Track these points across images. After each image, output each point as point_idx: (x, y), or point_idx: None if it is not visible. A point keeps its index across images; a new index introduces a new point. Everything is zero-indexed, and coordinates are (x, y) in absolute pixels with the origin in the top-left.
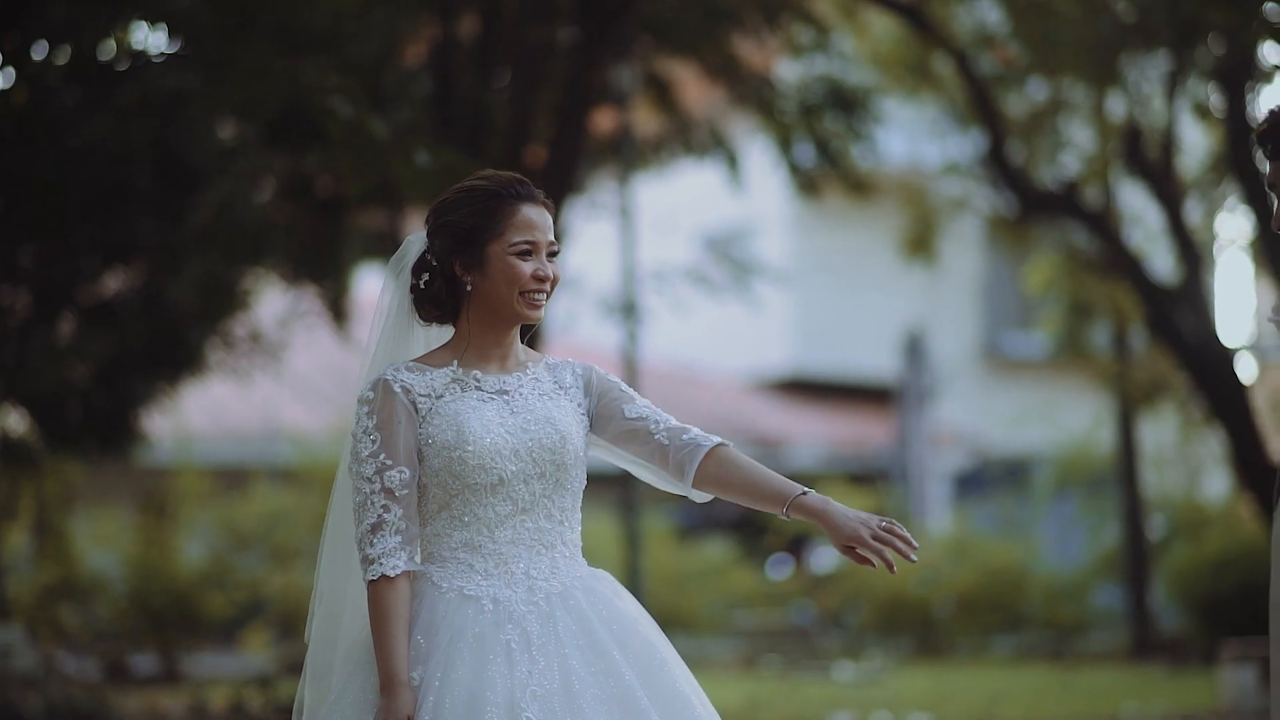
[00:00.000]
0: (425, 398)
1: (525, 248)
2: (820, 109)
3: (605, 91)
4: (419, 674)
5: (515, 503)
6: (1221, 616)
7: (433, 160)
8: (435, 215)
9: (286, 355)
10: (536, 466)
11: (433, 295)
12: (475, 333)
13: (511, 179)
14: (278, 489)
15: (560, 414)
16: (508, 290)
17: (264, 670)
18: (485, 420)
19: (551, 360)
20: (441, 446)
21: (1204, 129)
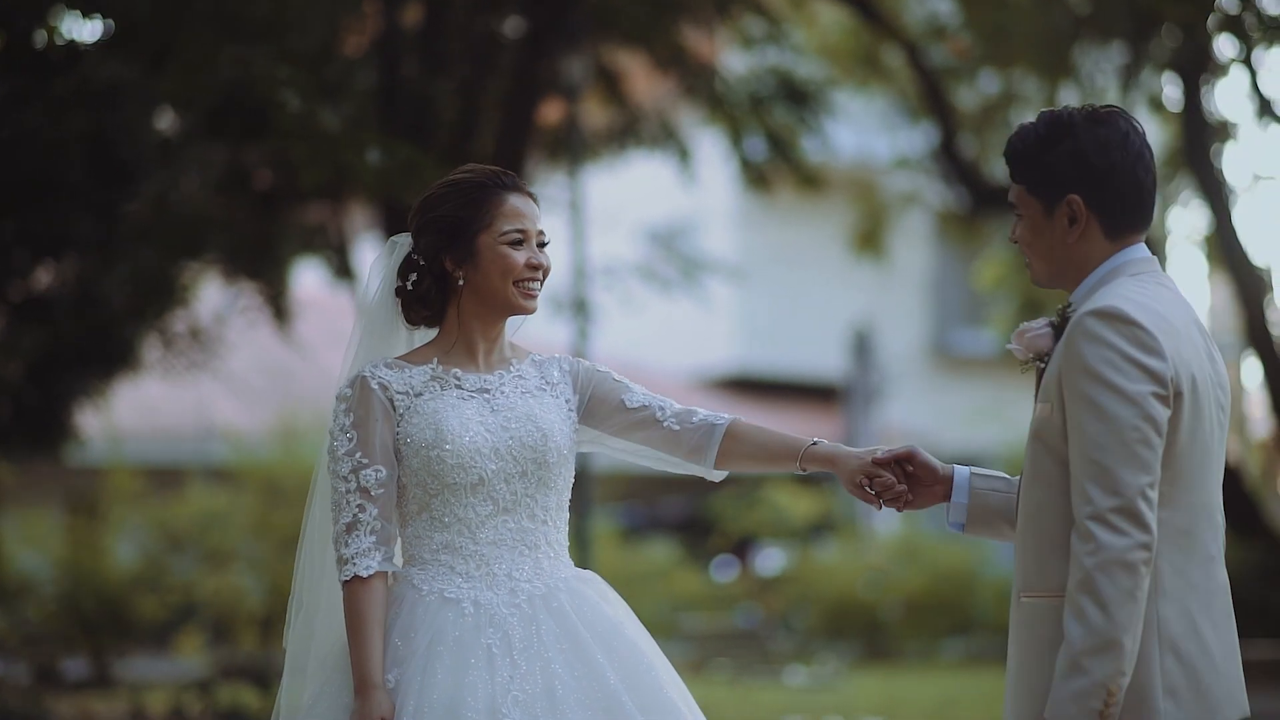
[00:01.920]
0: (403, 395)
1: (516, 236)
2: (771, 101)
3: (554, 83)
4: (394, 676)
5: (496, 503)
6: None
7: (385, 155)
8: (421, 212)
9: (221, 353)
10: (518, 465)
11: (421, 294)
12: (464, 329)
13: (496, 170)
14: (212, 489)
15: (543, 411)
16: (501, 281)
17: (198, 675)
18: (464, 419)
19: (538, 356)
20: (420, 445)
21: (1159, 123)
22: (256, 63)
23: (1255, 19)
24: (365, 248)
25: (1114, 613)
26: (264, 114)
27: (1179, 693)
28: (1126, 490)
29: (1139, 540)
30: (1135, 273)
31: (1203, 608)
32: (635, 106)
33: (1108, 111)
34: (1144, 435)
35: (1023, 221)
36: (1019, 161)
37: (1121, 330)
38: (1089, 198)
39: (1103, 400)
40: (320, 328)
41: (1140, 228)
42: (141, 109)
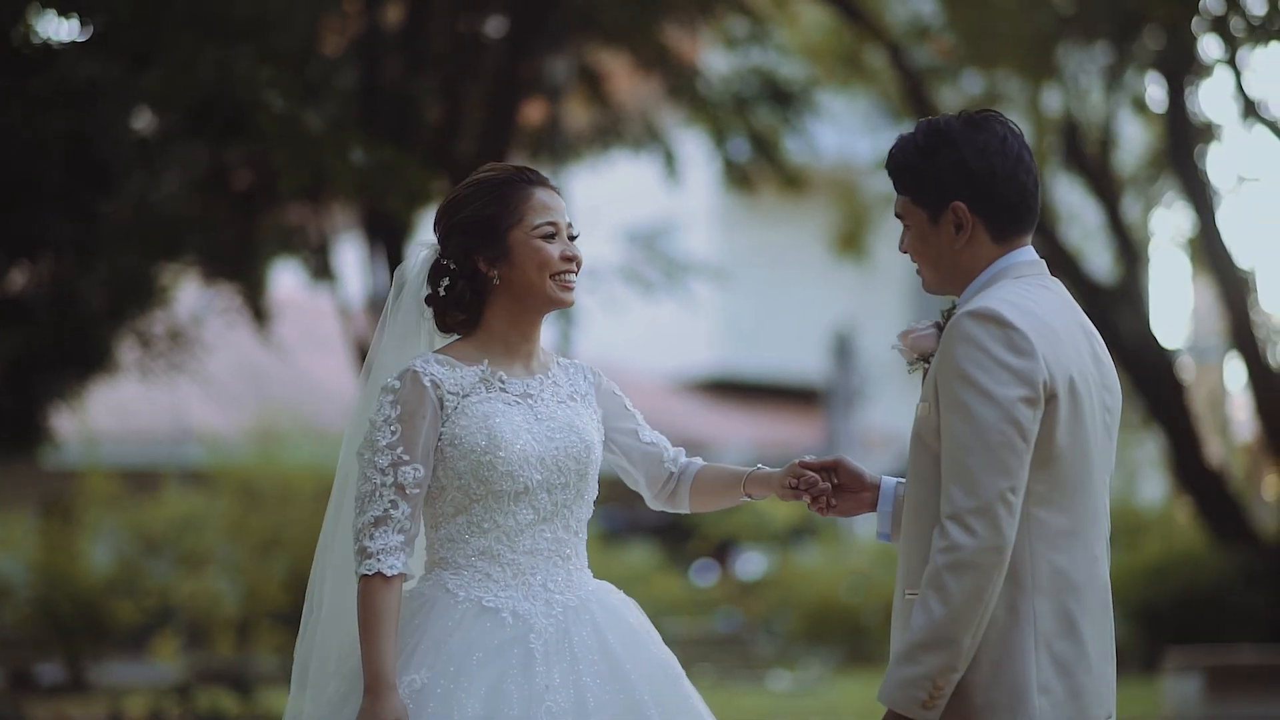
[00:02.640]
0: (454, 395)
1: (549, 230)
2: (754, 102)
3: (536, 84)
4: (422, 677)
5: (537, 511)
6: (1159, 624)
7: (368, 156)
8: (448, 215)
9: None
10: (561, 475)
11: (456, 299)
12: (501, 330)
13: (518, 167)
14: (188, 492)
15: (581, 422)
16: (538, 275)
17: (174, 679)
18: (514, 426)
19: (563, 361)
20: (470, 449)
21: (1142, 124)
22: (239, 64)
23: (1241, 20)
24: (345, 248)
25: (956, 611)
26: (244, 113)
27: (1052, 690)
28: (985, 493)
29: (992, 543)
30: (1019, 275)
31: (1082, 608)
32: (618, 107)
33: (984, 116)
34: (1008, 439)
35: (910, 231)
36: (901, 173)
37: (994, 332)
38: (973, 204)
39: (970, 402)
40: (298, 329)
41: (1025, 230)
42: (120, 109)
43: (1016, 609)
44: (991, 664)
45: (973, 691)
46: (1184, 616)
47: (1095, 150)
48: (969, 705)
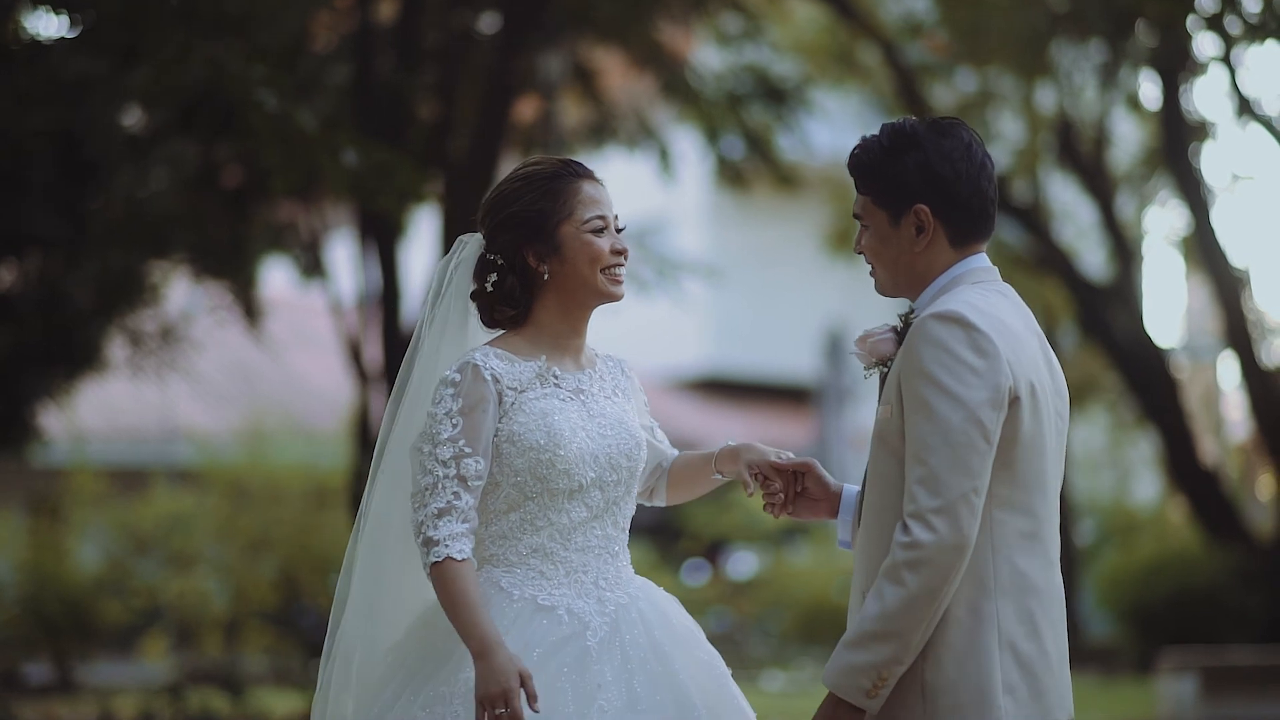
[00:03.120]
0: (512, 390)
1: (599, 224)
2: (747, 100)
3: (530, 80)
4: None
5: (590, 509)
6: (1153, 624)
7: (361, 156)
8: (495, 210)
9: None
10: (614, 473)
11: (506, 294)
12: (550, 324)
13: (564, 159)
14: (176, 491)
15: (629, 417)
16: (590, 269)
17: (163, 679)
18: (572, 423)
19: (600, 352)
20: (528, 447)
21: (1137, 121)
22: (231, 61)
23: (1237, 18)
24: (336, 245)
25: (910, 605)
26: (235, 111)
27: (1017, 691)
28: (948, 493)
29: (953, 543)
30: (977, 280)
31: (1043, 611)
32: (611, 104)
33: (950, 122)
34: (972, 440)
35: (869, 231)
36: (865, 173)
37: (959, 335)
38: (935, 207)
39: (935, 403)
40: (287, 328)
41: (983, 237)
42: (109, 105)
43: (979, 611)
44: (956, 665)
45: (938, 693)
46: (1178, 617)
47: (1089, 148)
48: (935, 706)
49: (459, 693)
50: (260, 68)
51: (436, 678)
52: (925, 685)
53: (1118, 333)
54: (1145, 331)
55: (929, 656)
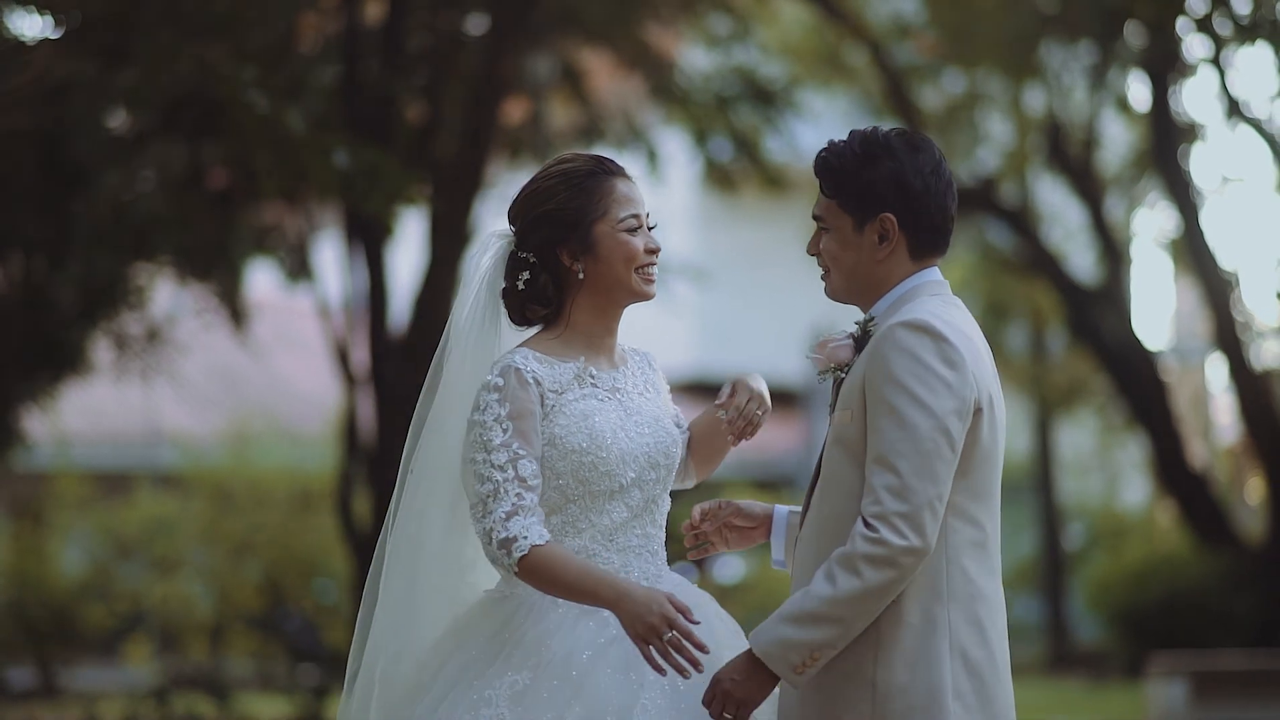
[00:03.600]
0: (553, 393)
1: (633, 223)
2: (735, 101)
3: (518, 82)
4: (524, 678)
5: (630, 509)
6: (1142, 628)
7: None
8: (529, 207)
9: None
10: (654, 471)
11: (538, 292)
12: (584, 324)
13: (597, 156)
14: (160, 495)
15: (663, 414)
16: (625, 269)
17: (147, 684)
18: (612, 424)
19: (626, 347)
20: (570, 450)
21: (1126, 123)
22: (220, 62)
23: (1227, 19)
24: (322, 247)
25: (862, 597)
26: (222, 112)
27: (965, 697)
28: (915, 498)
29: (915, 546)
30: (934, 293)
31: (990, 619)
32: (599, 105)
33: (922, 138)
34: (939, 449)
35: (830, 235)
36: (835, 177)
37: (929, 344)
38: (902, 218)
39: (904, 409)
40: (271, 330)
41: (940, 252)
42: (94, 106)
43: (932, 616)
44: (908, 669)
45: (889, 695)
46: (1167, 621)
47: (1078, 150)
48: (886, 709)
49: (503, 695)
50: (251, 68)
51: (481, 681)
52: (876, 687)
53: (1107, 335)
54: (1134, 334)
55: (880, 659)
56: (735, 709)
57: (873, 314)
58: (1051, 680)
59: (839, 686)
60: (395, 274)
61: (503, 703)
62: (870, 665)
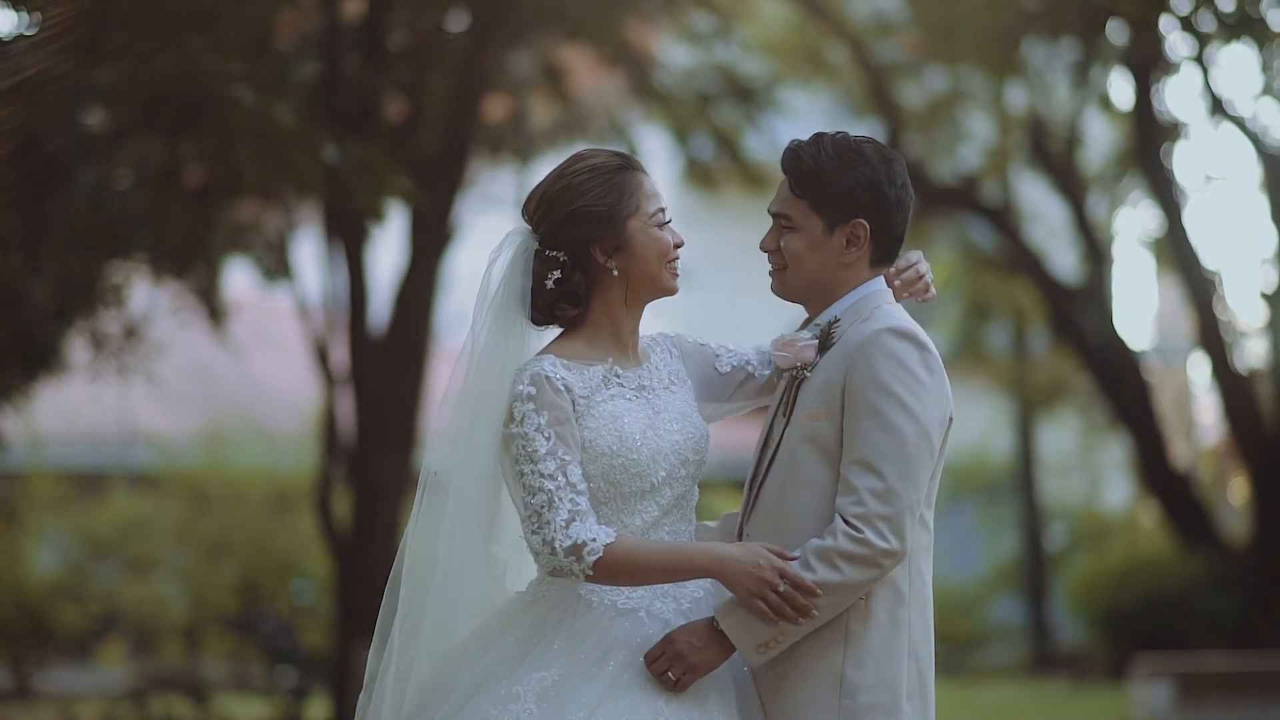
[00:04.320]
0: (583, 399)
1: (662, 217)
2: (716, 99)
3: (499, 79)
4: (553, 674)
5: (661, 507)
6: (1124, 630)
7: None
8: (560, 204)
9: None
10: (684, 468)
11: (570, 291)
12: (611, 321)
13: (619, 152)
14: (135, 495)
15: (690, 408)
16: (658, 264)
17: (121, 686)
18: (640, 424)
19: (646, 340)
20: (600, 453)
21: (1108, 121)
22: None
23: (1213, 16)
24: (301, 245)
25: (836, 593)
26: (203, 107)
27: (914, 697)
28: (899, 503)
29: (895, 550)
30: (890, 302)
31: (930, 623)
32: (580, 103)
33: (892, 151)
34: (921, 455)
35: (796, 234)
36: (809, 178)
37: (914, 352)
38: (875, 227)
39: (890, 414)
40: (247, 329)
41: (890, 263)
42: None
43: (897, 617)
44: (876, 666)
45: (857, 690)
46: (1150, 622)
47: (1061, 148)
48: (853, 703)
49: (531, 691)
50: (237, 62)
51: (511, 678)
52: (844, 682)
53: (1089, 335)
54: (1117, 333)
55: (850, 654)
56: (683, 672)
57: (836, 316)
58: (1033, 682)
59: (805, 679)
60: (375, 273)
61: (530, 699)
62: (839, 660)
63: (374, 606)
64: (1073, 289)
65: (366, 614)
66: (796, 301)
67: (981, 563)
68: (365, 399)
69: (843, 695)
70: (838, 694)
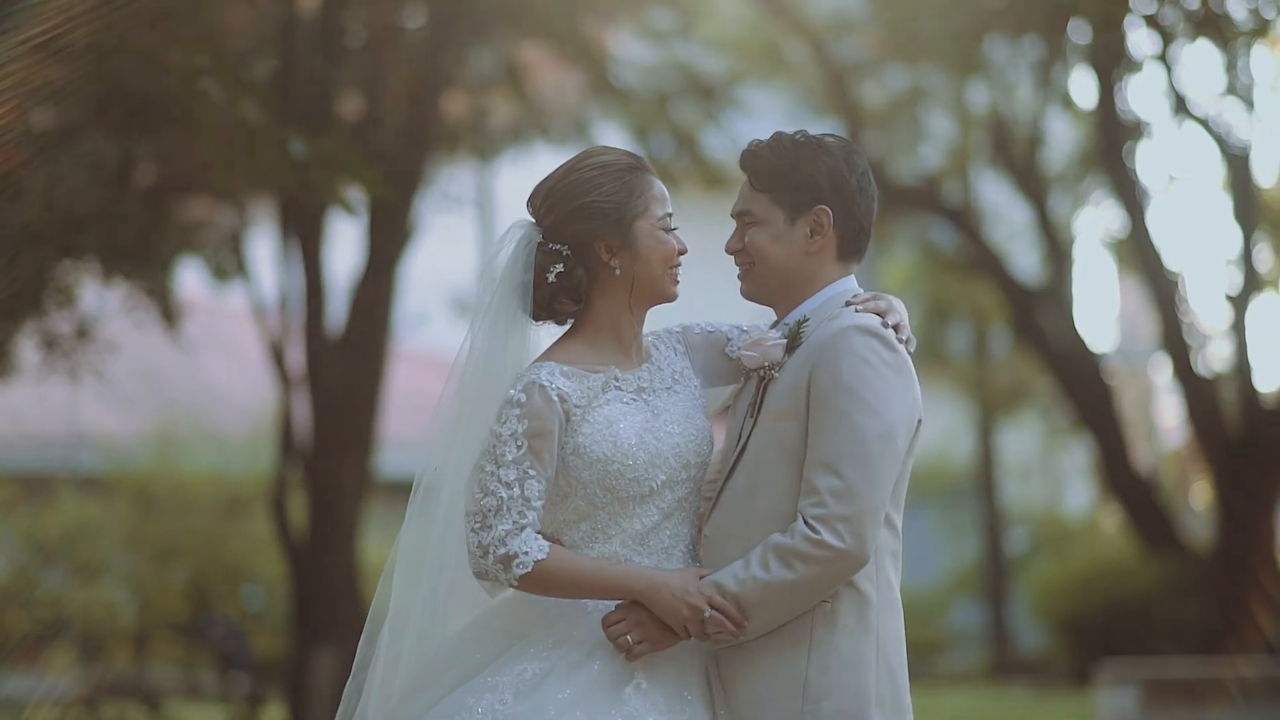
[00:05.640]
0: (579, 407)
1: (670, 221)
2: (676, 97)
3: (458, 76)
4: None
5: (662, 511)
6: (1086, 635)
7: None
8: (567, 198)
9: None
10: (684, 470)
11: (571, 286)
12: (611, 322)
13: (630, 153)
14: (83, 498)
15: (693, 409)
16: (661, 268)
17: (68, 692)
18: (637, 428)
19: (651, 338)
20: (595, 459)
21: (1070, 120)
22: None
23: (1179, 11)
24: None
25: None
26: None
27: (885, 704)
28: (858, 504)
29: (857, 555)
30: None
31: (901, 629)
32: (540, 100)
33: (853, 145)
34: (884, 456)
35: (759, 229)
36: (769, 171)
37: (882, 352)
38: (837, 213)
39: (853, 413)
40: (197, 331)
41: (860, 257)
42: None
43: (866, 622)
44: (841, 671)
45: (822, 694)
46: (1112, 628)
47: (1022, 148)
48: (818, 708)
49: (510, 683)
50: (204, 57)
51: (489, 669)
52: (809, 685)
53: (1051, 336)
54: (1079, 336)
55: (815, 658)
56: (639, 640)
57: (805, 315)
58: (994, 688)
59: (769, 682)
60: (331, 272)
61: (508, 690)
62: (804, 664)
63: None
64: (1034, 290)
65: (323, 619)
66: (766, 302)
67: (942, 567)
68: (322, 400)
69: (805, 700)
70: (801, 698)
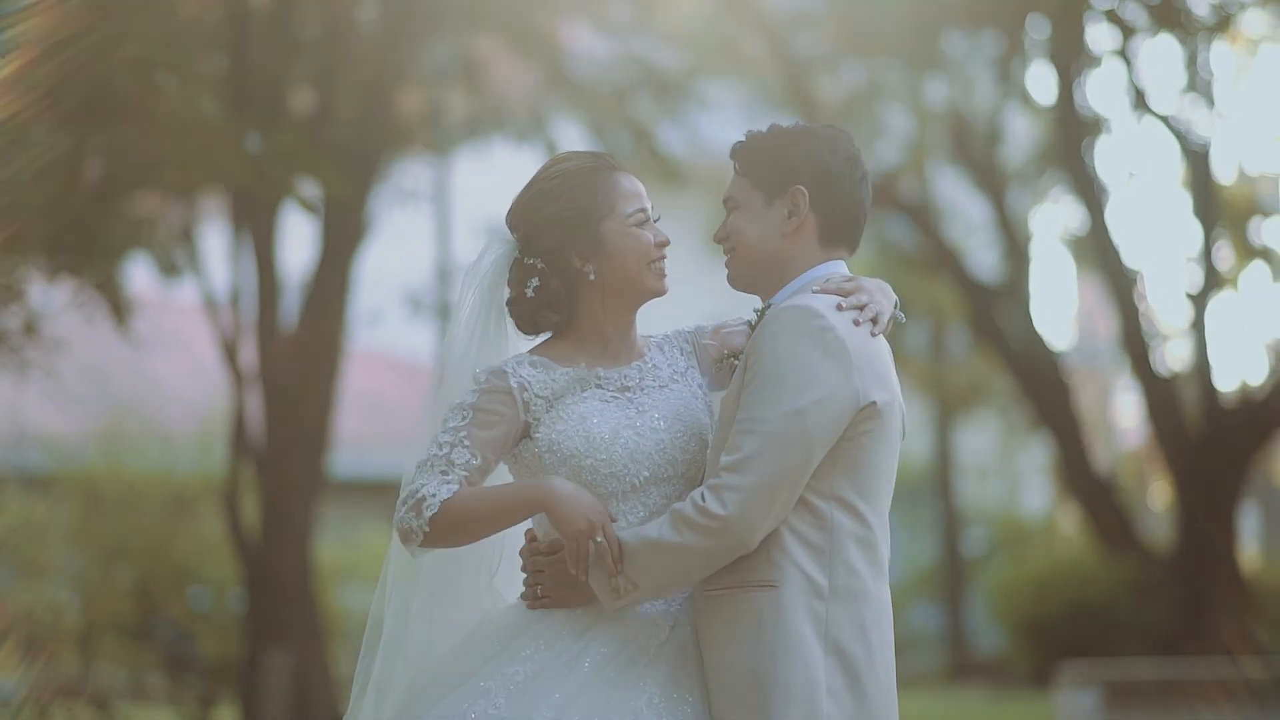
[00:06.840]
0: (541, 399)
1: (641, 217)
2: (632, 92)
3: (413, 70)
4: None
5: (649, 508)
6: (1044, 637)
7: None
8: (532, 211)
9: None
10: (672, 468)
11: (550, 299)
12: (596, 326)
13: (594, 153)
14: (28, 498)
15: (687, 406)
16: (637, 265)
17: (12, 694)
18: (614, 424)
19: (658, 338)
20: (567, 455)
21: (1030, 116)
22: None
23: (1140, 8)
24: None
25: (675, 555)
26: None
27: (839, 694)
28: (748, 477)
29: (739, 533)
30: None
31: (874, 619)
32: (497, 95)
33: (843, 133)
34: (790, 433)
35: (738, 213)
36: (749, 154)
37: (808, 327)
38: (814, 195)
39: (767, 388)
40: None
41: (850, 244)
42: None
43: (814, 611)
44: (788, 659)
45: (772, 685)
46: (1071, 629)
47: (981, 144)
48: (768, 698)
49: (501, 687)
50: (159, 50)
51: (481, 673)
52: (758, 676)
53: (1009, 335)
54: (1037, 334)
55: (762, 648)
56: (547, 595)
57: (772, 301)
58: (951, 690)
59: (721, 671)
60: (283, 269)
61: (500, 694)
62: (753, 653)
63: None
64: (993, 288)
65: (276, 619)
66: (750, 289)
67: (898, 568)
68: (275, 399)
69: (757, 690)
70: (749, 687)
